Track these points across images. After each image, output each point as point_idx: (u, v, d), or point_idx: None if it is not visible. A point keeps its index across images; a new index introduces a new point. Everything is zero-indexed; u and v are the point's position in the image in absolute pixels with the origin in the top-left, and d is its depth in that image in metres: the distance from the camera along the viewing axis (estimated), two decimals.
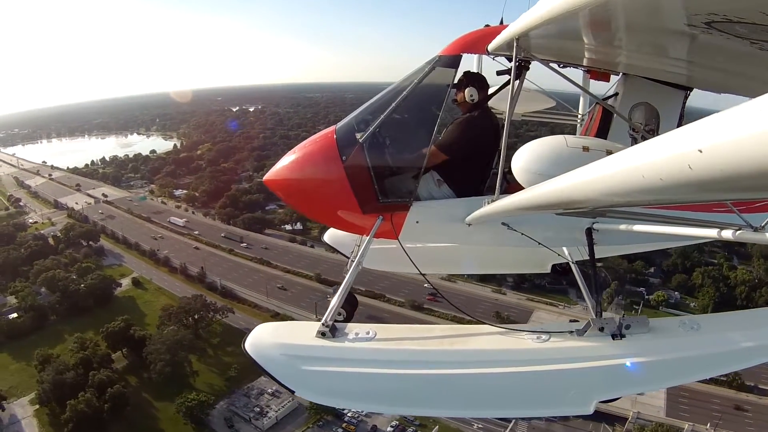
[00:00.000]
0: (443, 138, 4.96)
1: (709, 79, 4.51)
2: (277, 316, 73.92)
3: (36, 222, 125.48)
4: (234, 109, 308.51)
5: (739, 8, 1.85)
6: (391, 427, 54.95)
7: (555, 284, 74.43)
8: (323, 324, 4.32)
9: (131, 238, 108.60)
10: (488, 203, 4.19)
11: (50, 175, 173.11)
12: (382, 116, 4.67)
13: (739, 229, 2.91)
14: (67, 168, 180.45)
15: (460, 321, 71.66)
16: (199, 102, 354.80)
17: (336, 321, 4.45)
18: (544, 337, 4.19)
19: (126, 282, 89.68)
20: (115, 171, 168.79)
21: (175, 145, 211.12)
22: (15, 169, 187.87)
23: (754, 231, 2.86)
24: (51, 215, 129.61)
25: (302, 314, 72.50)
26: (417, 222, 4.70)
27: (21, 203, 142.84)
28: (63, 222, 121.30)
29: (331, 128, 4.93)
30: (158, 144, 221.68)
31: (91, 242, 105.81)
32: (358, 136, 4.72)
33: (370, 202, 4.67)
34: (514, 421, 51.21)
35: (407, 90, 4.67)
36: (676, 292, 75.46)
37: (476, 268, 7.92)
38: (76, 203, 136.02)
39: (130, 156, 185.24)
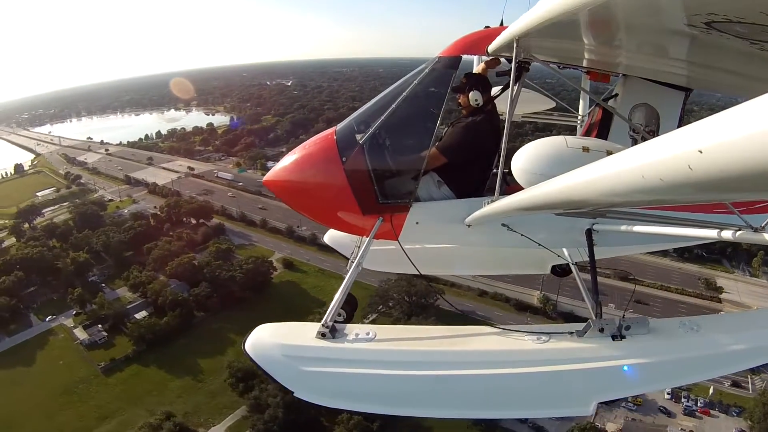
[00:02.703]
0: (445, 140, 4.93)
1: (709, 79, 4.49)
2: (485, 295, 65.06)
3: (111, 200, 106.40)
4: (269, 83, 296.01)
5: (739, 8, 1.84)
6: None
7: (711, 254, 76.25)
8: (323, 325, 4.29)
9: (251, 215, 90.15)
10: (488, 204, 4.17)
11: (107, 150, 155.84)
12: (382, 117, 4.64)
13: (739, 230, 2.94)
14: (120, 143, 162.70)
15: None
16: (226, 77, 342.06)
17: (336, 322, 4.39)
18: (544, 338, 4.16)
19: (276, 265, 70.91)
20: (185, 144, 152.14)
21: (232, 117, 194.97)
22: (56, 146, 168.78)
23: (754, 231, 2.89)
24: (129, 192, 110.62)
25: (516, 289, 56.61)
26: (417, 223, 4.69)
27: (82, 181, 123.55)
28: (146, 198, 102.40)
29: (331, 129, 4.90)
30: (204, 118, 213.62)
31: (202, 220, 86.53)
32: (358, 137, 4.69)
33: (370, 204, 4.64)
34: None
35: (407, 91, 4.65)
36: None
37: (476, 269, 7.89)
38: (163, 178, 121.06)
39: (188, 129, 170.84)
